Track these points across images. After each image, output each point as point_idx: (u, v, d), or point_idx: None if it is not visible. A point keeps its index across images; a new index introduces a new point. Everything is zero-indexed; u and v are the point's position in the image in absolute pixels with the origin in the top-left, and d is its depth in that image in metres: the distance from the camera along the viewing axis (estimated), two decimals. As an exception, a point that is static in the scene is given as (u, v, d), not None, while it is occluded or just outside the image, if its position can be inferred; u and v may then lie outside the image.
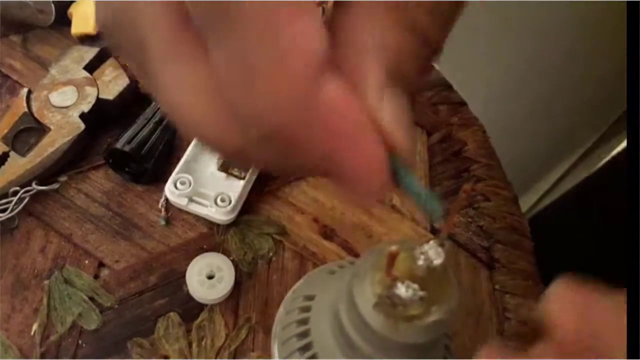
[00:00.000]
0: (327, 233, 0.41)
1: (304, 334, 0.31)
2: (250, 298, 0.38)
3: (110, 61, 0.42)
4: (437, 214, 0.22)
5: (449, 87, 0.51)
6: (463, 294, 0.41)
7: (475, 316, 0.40)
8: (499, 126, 0.53)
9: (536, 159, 0.83)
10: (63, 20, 0.44)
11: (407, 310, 0.24)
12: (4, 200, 0.37)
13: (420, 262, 0.24)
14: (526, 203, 0.86)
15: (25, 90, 0.40)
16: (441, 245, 0.24)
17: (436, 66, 0.53)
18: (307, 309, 0.32)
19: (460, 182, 0.46)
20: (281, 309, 0.36)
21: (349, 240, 0.42)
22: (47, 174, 0.39)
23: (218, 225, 0.40)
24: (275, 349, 0.35)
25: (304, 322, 0.32)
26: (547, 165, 0.86)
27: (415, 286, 0.23)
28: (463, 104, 0.50)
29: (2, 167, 0.37)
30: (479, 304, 0.41)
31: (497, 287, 0.42)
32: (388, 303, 0.24)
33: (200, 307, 0.37)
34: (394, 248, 0.23)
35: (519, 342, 0.40)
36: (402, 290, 0.23)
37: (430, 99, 0.50)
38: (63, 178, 0.40)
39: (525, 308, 0.41)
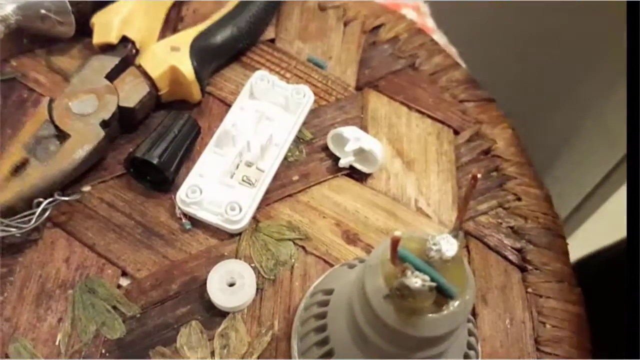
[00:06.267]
0: (350, 237, 0.40)
1: (321, 329, 0.31)
2: (273, 305, 0.37)
3: (130, 69, 0.42)
4: (451, 291, 0.23)
5: (476, 83, 0.49)
6: (494, 297, 0.39)
7: (506, 321, 0.38)
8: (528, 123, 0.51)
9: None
10: (85, 31, 0.45)
11: (417, 301, 0.23)
12: (27, 212, 0.37)
13: (433, 254, 0.23)
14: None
15: (46, 98, 0.40)
16: (454, 236, 0.24)
17: (463, 63, 0.52)
18: (325, 304, 0.32)
19: (489, 182, 0.44)
20: (301, 304, 0.36)
21: (373, 245, 0.40)
22: (67, 181, 0.39)
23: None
24: (294, 343, 0.34)
25: (322, 316, 0.31)
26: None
27: (425, 277, 0.22)
28: (491, 100, 0.49)
29: (23, 173, 0.38)
30: (510, 308, 0.39)
31: (530, 290, 0.40)
32: (398, 294, 0.23)
33: (222, 314, 0.37)
34: (396, 234, 0.22)
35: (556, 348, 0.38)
36: (412, 280, 0.22)
37: (457, 97, 0.48)
38: (86, 188, 0.40)
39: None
